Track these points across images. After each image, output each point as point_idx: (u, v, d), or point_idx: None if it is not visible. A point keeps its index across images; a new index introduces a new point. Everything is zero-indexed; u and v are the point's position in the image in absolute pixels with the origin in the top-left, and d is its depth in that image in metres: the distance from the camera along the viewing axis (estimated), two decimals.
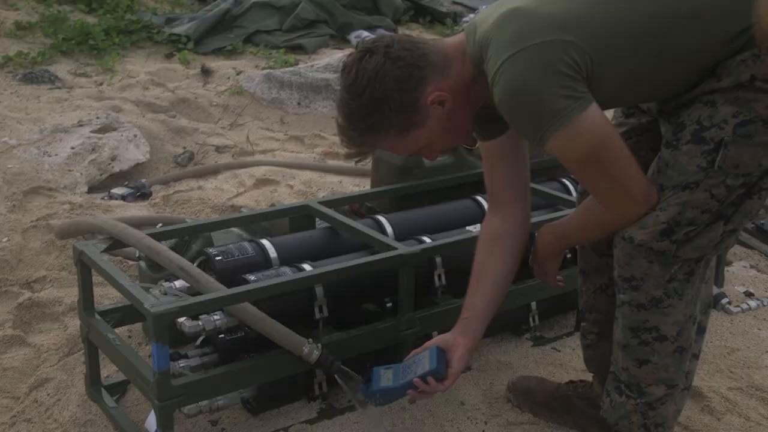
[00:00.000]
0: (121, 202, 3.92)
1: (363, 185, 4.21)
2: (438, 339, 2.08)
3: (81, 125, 4.55)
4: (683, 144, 1.79)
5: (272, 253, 2.46)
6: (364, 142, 1.90)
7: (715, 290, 3.06)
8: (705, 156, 1.76)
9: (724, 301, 3.13)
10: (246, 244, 2.47)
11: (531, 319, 2.85)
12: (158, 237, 2.39)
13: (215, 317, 2.15)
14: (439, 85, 1.84)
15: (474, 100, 1.91)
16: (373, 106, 1.81)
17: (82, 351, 2.52)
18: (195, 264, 2.31)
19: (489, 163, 2.11)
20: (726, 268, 3.38)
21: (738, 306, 3.15)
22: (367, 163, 3.81)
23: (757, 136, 1.73)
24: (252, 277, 2.26)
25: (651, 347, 1.92)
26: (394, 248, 2.40)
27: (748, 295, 3.28)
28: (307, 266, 2.34)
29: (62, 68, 6.03)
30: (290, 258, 2.45)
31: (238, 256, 2.41)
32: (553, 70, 1.70)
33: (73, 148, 4.25)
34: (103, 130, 4.53)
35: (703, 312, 2.01)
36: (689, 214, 1.79)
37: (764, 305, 3.18)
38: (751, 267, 3.61)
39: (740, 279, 3.42)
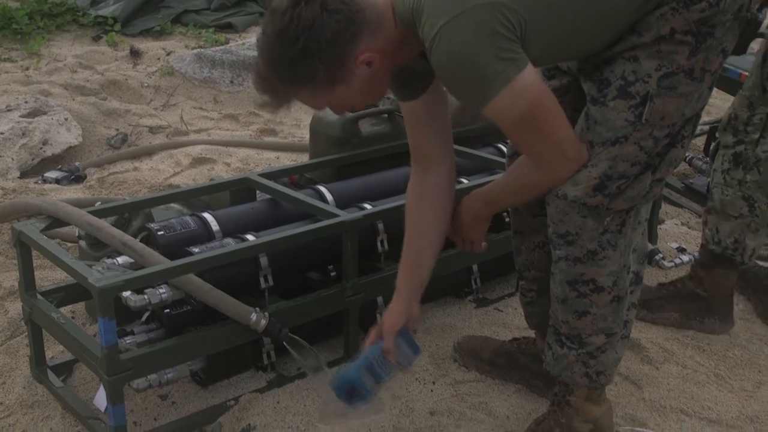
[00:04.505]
0: (56, 185, 3.86)
1: (300, 160, 4.21)
2: (395, 317, 2.06)
3: (9, 110, 4.45)
4: (610, 100, 1.84)
5: (214, 225, 2.46)
6: (282, 90, 1.84)
7: (649, 246, 3.15)
8: (632, 110, 1.82)
9: (658, 257, 3.22)
10: (188, 218, 2.46)
11: (473, 282, 2.90)
12: (98, 215, 2.36)
13: (161, 290, 2.15)
14: (370, 45, 1.81)
15: (397, 63, 1.90)
16: (303, 55, 1.76)
17: (25, 334, 2.50)
18: (137, 240, 2.30)
19: (412, 122, 2.10)
20: (659, 226, 3.48)
21: (671, 261, 3.24)
22: (304, 138, 3.78)
23: (680, 87, 1.80)
24: (196, 249, 2.27)
25: (589, 299, 1.96)
26: (337, 215, 2.42)
27: (681, 250, 3.38)
28: (250, 237, 2.35)
29: None
30: (233, 230, 2.45)
31: (180, 230, 2.40)
32: (491, 33, 1.71)
33: (2, 133, 4.16)
34: (33, 114, 4.44)
35: (639, 262, 2.06)
36: (620, 167, 1.84)
37: (696, 259, 3.27)
38: (683, 224, 3.72)
39: (673, 236, 3.53)
